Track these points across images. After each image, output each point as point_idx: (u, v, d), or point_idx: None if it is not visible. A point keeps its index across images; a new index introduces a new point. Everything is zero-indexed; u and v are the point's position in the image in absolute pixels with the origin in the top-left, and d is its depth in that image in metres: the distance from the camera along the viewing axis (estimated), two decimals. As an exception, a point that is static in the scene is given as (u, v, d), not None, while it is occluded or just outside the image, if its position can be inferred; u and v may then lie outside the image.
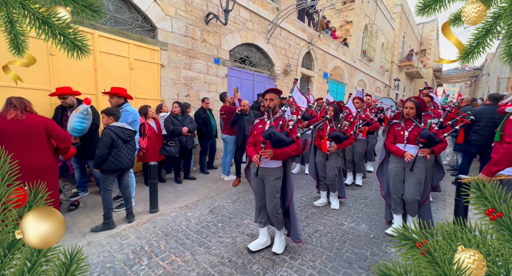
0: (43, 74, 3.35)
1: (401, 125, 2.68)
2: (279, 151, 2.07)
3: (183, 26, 4.95)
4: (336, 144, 3.20)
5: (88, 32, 3.67)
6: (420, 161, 2.55)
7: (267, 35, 7.03)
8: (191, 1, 5.04)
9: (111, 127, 2.72)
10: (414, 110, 2.59)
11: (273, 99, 2.24)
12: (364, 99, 4.44)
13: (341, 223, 2.98)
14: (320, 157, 3.44)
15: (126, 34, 4.13)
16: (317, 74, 9.75)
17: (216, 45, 5.67)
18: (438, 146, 2.46)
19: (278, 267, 2.15)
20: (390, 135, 2.78)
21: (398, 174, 2.67)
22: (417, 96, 2.86)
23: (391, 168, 2.73)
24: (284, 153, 2.08)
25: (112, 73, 4.02)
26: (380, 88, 17.33)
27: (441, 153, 2.59)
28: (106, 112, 2.76)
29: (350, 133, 3.25)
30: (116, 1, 4.06)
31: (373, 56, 14.99)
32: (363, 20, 13.30)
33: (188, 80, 5.21)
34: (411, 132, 2.57)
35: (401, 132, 2.65)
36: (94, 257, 2.25)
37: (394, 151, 2.65)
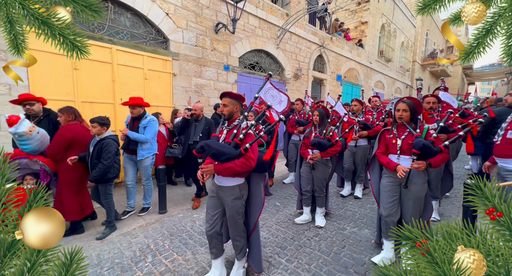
0: (68, 86, 3.74)
1: (393, 133, 2.23)
2: (221, 167, 1.72)
3: (194, 37, 5.23)
4: (319, 152, 2.82)
5: (107, 47, 4.04)
6: (418, 175, 2.09)
7: (276, 40, 7.14)
8: (201, 13, 5.31)
9: (112, 136, 2.77)
10: (407, 113, 2.14)
11: (227, 105, 1.90)
12: (363, 102, 4.07)
13: (343, 228, 2.95)
14: (305, 167, 3.03)
15: (140, 47, 4.47)
16: (330, 77, 9.63)
17: (225, 53, 5.89)
18: (437, 157, 2.01)
19: (273, 268, 2.20)
20: (381, 145, 2.33)
21: (393, 191, 2.18)
22: (412, 97, 2.33)
23: (384, 184, 2.24)
24: (227, 169, 1.70)
25: (128, 83, 4.36)
26: (400, 89, 16.58)
27: (440, 165, 2.08)
28: (99, 122, 2.67)
29: (335, 140, 2.83)
30: (132, 18, 4.43)
31: (391, 56, 14.44)
32: (380, 19, 12.92)
33: (199, 88, 5.46)
34: (405, 140, 2.12)
35: (393, 141, 2.20)
36: (106, 253, 2.46)
37: (385, 163, 2.19)
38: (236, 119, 1.96)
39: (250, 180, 1.97)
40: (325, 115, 2.99)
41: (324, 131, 2.89)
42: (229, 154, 1.68)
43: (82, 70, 3.82)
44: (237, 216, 1.89)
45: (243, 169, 1.70)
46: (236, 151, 1.71)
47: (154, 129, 3.26)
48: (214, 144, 1.66)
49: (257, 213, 1.96)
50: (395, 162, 2.15)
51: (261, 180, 1.98)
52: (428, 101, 3.00)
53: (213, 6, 5.50)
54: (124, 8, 4.29)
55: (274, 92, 2.57)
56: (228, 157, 1.68)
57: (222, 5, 5.61)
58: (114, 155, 2.74)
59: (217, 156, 1.67)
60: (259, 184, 1.96)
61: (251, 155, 1.72)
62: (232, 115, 1.94)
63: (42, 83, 3.50)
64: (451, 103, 3.39)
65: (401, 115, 2.16)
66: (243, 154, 1.71)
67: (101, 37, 4.00)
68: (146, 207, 3.42)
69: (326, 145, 2.74)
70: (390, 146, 2.23)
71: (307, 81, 8.53)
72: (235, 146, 1.75)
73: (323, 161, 2.93)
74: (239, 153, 1.70)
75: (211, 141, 1.71)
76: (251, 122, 1.82)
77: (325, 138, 2.81)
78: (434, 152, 1.98)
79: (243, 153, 1.70)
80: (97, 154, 2.69)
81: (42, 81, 3.50)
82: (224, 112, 1.92)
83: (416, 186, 2.10)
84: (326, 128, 2.92)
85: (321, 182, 2.96)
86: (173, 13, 4.83)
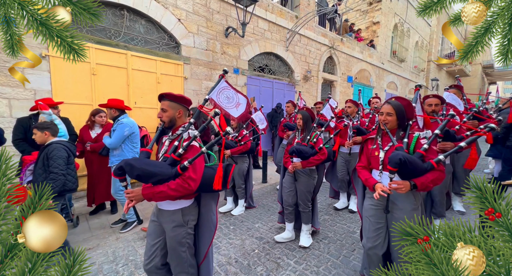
0: (86, 91, 3.94)
1: (377, 142, 1.76)
2: (150, 191, 1.35)
3: (204, 41, 5.36)
4: (301, 160, 2.45)
5: (123, 53, 4.23)
6: (406, 199, 1.59)
7: (285, 43, 7.16)
8: (212, 18, 5.44)
9: (61, 142, 2.33)
10: (393, 118, 1.65)
11: (166, 109, 1.52)
12: (359, 103, 3.58)
13: (353, 231, 2.91)
14: (287, 178, 2.65)
15: (154, 52, 4.64)
16: (340, 79, 9.53)
17: (235, 56, 5.98)
18: (426, 177, 1.47)
19: (282, 270, 2.21)
20: (363, 157, 1.87)
21: (377, 217, 1.68)
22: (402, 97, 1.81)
23: (367, 207, 1.77)
24: (159, 194, 1.34)
25: (142, 87, 4.53)
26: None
27: (432, 187, 1.51)
28: (38, 127, 2.26)
29: (319, 147, 2.45)
30: (146, 24, 4.61)
31: (405, 57, 14.07)
32: (392, 19, 12.65)
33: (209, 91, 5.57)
34: (389, 153, 1.63)
35: (375, 153, 1.72)
36: (120, 250, 2.56)
37: (363, 180, 1.74)
38: (180, 126, 1.58)
39: (200, 201, 1.60)
40: (310, 119, 2.61)
41: (308, 137, 2.54)
42: (161, 174, 1.33)
43: (99, 75, 4.01)
44: (180, 248, 1.50)
45: (179, 192, 1.34)
46: (170, 170, 1.36)
47: (120, 134, 2.83)
48: (139, 163, 1.30)
49: (208, 241, 1.59)
50: (374, 179, 1.67)
51: (213, 199, 1.62)
52: (430, 103, 2.53)
53: (223, 11, 5.63)
54: (138, 15, 4.48)
55: (231, 93, 2.09)
56: (159, 178, 1.33)
57: (232, 9, 5.72)
58: (66, 162, 2.25)
59: (144, 178, 1.31)
60: (210, 205, 1.61)
61: (191, 175, 1.35)
62: (175, 122, 1.56)
63: (63, 89, 3.71)
64: (457, 107, 2.91)
65: (385, 120, 1.67)
66: (180, 174, 1.36)
67: (117, 44, 4.19)
68: (130, 221, 3.00)
69: (307, 153, 2.38)
70: (372, 159, 1.75)
71: (316, 83, 8.48)
72: (171, 163, 1.40)
73: (306, 171, 2.53)
74: (174, 173, 1.36)
75: (135, 159, 1.35)
76: (193, 132, 1.47)
77: (308, 145, 2.47)
78: (421, 169, 1.47)
79: (179, 172, 1.36)
80: (42, 162, 2.21)
81: (63, 86, 3.71)
82: (163, 119, 1.53)
83: (403, 212, 1.58)
84: (310, 133, 2.56)
85: (305, 195, 2.56)
86: (185, 19, 4.98)
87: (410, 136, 1.65)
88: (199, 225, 1.60)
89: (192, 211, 1.55)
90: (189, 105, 1.63)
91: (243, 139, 3.34)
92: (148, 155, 1.57)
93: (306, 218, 2.62)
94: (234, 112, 2.09)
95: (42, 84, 3.52)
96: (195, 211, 1.57)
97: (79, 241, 2.69)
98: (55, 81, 3.62)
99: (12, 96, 3.34)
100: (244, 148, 3.27)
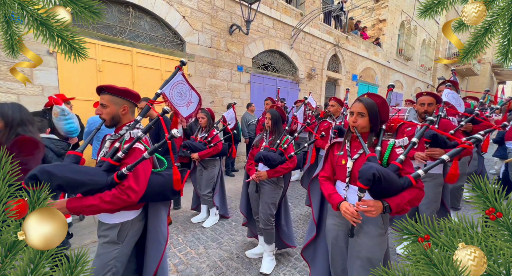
0: (92, 87, 3.99)
1: (345, 148, 1.42)
2: (79, 204, 1.07)
3: (209, 38, 5.37)
4: (268, 168, 2.06)
5: (128, 49, 4.27)
6: (374, 221, 1.27)
7: (290, 40, 7.13)
8: (216, 15, 5.45)
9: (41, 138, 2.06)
10: (364, 119, 1.32)
11: (106, 104, 1.27)
12: (344, 102, 3.20)
13: (354, 230, 2.91)
14: (252, 186, 2.26)
15: (158, 49, 4.67)
16: (344, 77, 9.46)
17: (239, 54, 5.98)
18: (402, 196, 1.15)
19: (282, 266, 2.23)
20: (327, 164, 1.52)
21: (339, 239, 1.40)
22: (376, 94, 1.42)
23: (329, 226, 1.47)
24: (89, 208, 1.07)
25: (147, 84, 4.58)
26: (421, 88, 15.88)
27: (409, 209, 1.17)
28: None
29: (289, 155, 2.07)
30: (151, 21, 4.65)
31: (411, 55, 13.87)
32: (399, 17, 12.46)
33: (213, 88, 5.60)
34: (358, 162, 1.32)
35: (342, 161, 1.39)
36: (124, 243, 2.62)
37: (326, 195, 1.39)
38: (124, 125, 1.33)
39: (147, 211, 1.34)
40: (280, 119, 2.19)
41: (278, 141, 2.12)
42: (91, 183, 1.07)
43: (105, 72, 4.07)
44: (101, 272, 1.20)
45: (116, 205, 1.09)
46: (105, 178, 1.11)
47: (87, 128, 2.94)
48: (61, 170, 1.01)
49: (158, 256, 1.31)
50: (340, 196, 1.34)
51: (164, 207, 1.37)
52: (422, 101, 2.16)
53: (227, 8, 5.62)
54: (143, 12, 4.51)
55: (185, 89, 1.85)
56: (89, 188, 1.07)
57: (236, 6, 5.71)
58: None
59: (69, 188, 1.04)
60: (160, 214, 1.34)
61: (131, 184, 1.10)
62: (118, 120, 1.32)
63: (70, 85, 3.78)
64: (457, 107, 2.53)
65: (354, 121, 1.34)
66: (117, 183, 1.11)
67: (123, 41, 4.24)
68: None
69: (276, 161, 1.99)
70: (338, 168, 1.42)
71: (321, 81, 8.44)
72: (108, 169, 1.15)
73: (272, 180, 2.12)
74: (110, 182, 1.10)
75: (56, 165, 1.03)
76: (136, 133, 1.21)
77: (278, 151, 2.09)
78: (396, 187, 1.15)
79: (116, 181, 1.11)
80: None
81: (70, 82, 3.78)
82: (103, 116, 1.28)
83: (368, 237, 1.27)
84: (281, 137, 2.14)
85: (269, 207, 2.10)
86: (189, 16, 5.00)
87: (384, 143, 1.33)
88: (147, 238, 1.33)
89: (136, 225, 1.29)
90: (136, 100, 1.39)
91: (214, 139, 2.95)
92: (77, 159, 1.21)
93: (269, 236, 2.14)
94: (184, 111, 1.90)
95: (50, 80, 3.59)
96: (139, 225, 1.32)
97: (85, 234, 2.76)
98: (62, 78, 3.68)
99: (21, 92, 3.42)
100: (215, 150, 2.88)
